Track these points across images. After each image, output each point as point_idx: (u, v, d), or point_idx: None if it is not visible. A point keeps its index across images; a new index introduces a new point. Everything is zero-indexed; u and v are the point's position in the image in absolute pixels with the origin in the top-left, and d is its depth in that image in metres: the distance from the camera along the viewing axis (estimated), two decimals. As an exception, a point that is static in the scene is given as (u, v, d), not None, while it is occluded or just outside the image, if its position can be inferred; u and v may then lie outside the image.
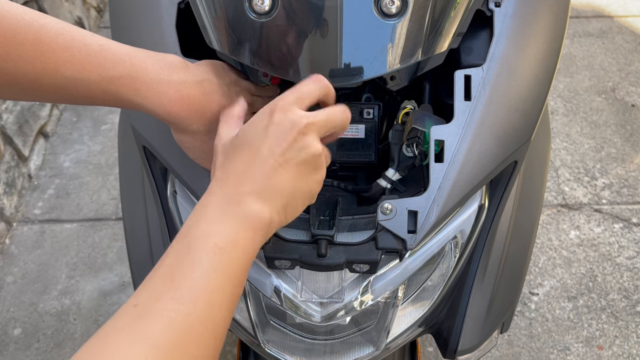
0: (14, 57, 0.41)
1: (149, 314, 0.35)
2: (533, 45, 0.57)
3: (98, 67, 0.44)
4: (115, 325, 0.35)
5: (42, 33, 0.42)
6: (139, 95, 0.46)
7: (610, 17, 2.35)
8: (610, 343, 1.34)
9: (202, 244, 0.39)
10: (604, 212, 1.62)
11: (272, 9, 0.49)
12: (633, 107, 1.94)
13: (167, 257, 0.39)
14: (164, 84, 0.47)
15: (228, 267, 0.39)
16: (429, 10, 0.50)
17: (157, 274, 0.38)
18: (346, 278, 0.58)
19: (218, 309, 0.38)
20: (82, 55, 0.44)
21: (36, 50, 0.42)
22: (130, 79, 0.45)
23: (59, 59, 0.43)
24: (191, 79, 0.49)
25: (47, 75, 0.43)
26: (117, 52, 0.46)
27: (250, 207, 0.42)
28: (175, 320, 0.35)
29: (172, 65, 0.48)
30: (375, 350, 0.62)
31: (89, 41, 0.44)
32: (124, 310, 0.36)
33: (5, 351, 1.35)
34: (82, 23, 2.18)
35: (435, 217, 0.51)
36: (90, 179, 1.75)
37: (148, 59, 0.47)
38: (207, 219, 0.41)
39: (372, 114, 0.66)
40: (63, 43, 0.43)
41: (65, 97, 0.45)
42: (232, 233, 0.41)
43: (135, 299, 0.36)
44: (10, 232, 1.61)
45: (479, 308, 0.66)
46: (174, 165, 0.56)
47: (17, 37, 0.41)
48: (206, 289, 0.37)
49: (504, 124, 0.54)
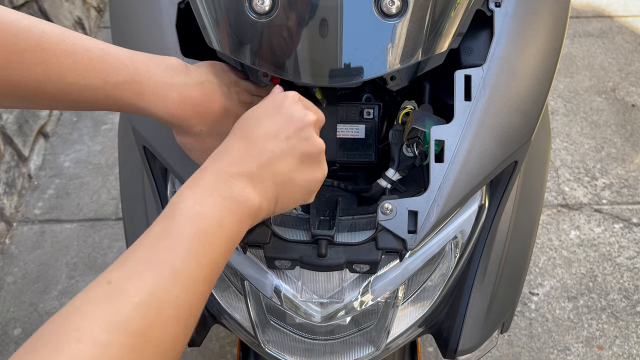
0: (16, 64, 0.41)
1: (122, 294, 0.33)
2: (533, 46, 0.57)
3: (102, 72, 0.44)
4: (86, 300, 0.33)
5: (43, 39, 0.42)
6: (143, 99, 0.46)
7: (610, 17, 2.35)
8: (610, 343, 1.34)
9: (185, 226, 0.38)
10: (604, 212, 1.62)
11: (272, 9, 0.49)
12: (633, 107, 1.94)
13: (149, 235, 0.38)
14: (167, 87, 0.47)
15: (209, 252, 0.38)
16: (429, 10, 0.50)
17: (136, 252, 0.37)
18: (346, 278, 0.58)
19: (193, 295, 0.37)
20: (85, 61, 0.43)
21: (38, 57, 0.41)
22: (134, 83, 0.45)
23: (62, 65, 0.42)
24: (192, 81, 0.49)
25: (49, 81, 0.42)
26: (120, 57, 0.45)
27: (240, 191, 0.41)
28: (148, 304, 0.34)
29: (173, 68, 0.48)
30: (376, 350, 0.62)
31: (91, 46, 0.44)
32: (97, 286, 0.34)
33: (5, 351, 1.35)
34: (82, 23, 2.18)
35: (435, 217, 0.51)
36: (90, 179, 1.75)
37: (150, 62, 0.47)
38: (195, 197, 0.40)
39: (372, 114, 0.66)
40: (65, 49, 0.42)
41: (67, 103, 0.45)
42: (218, 216, 0.40)
43: (110, 274, 0.35)
44: (10, 232, 1.61)
45: (479, 308, 0.66)
46: (174, 165, 0.56)
47: (18, 44, 0.40)
48: (183, 274, 0.36)
49: (504, 124, 0.54)
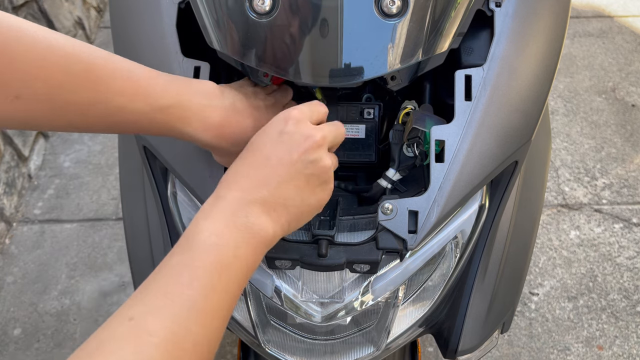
0: (68, 85, 0.41)
1: (143, 333, 0.34)
2: (533, 46, 0.57)
3: (148, 96, 0.45)
4: (109, 338, 0.34)
5: (93, 63, 0.42)
6: (186, 122, 0.47)
7: (610, 17, 2.35)
8: (610, 343, 1.34)
9: (202, 258, 0.38)
10: (604, 212, 1.62)
11: (272, 9, 0.49)
12: (633, 107, 1.94)
13: (167, 267, 0.38)
14: (207, 110, 0.48)
15: (226, 284, 0.39)
16: (429, 10, 0.50)
17: (155, 285, 0.37)
18: (347, 278, 0.58)
19: (211, 330, 0.37)
20: (132, 85, 0.44)
21: (88, 80, 0.42)
22: (178, 107, 0.46)
23: (110, 89, 0.43)
24: (228, 103, 0.50)
25: (98, 104, 0.43)
26: (163, 81, 0.46)
27: (256, 220, 0.42)
28: (168, 343, 0.34)
29: (210, 92, 0.49)
30: (376, 350, 0.62)
31: (136, 70, 0.45)
32: (119, 322, 0.35)
33: (5, 351, 1.35)
34: (82, 23, 2.17)
35: (435, 217, 0.51)
36: (90, 179, 1.75)
37: (190, 87, 0.48)
38: (211, 228, 0.40)
39: (373, 114, 0.66)
40: (112, 73, 0.43)
41: (111, 126, 0.46)
42: (234, 247, 0.40)
43: (131, 310, 0.35)
44: (10, 232, 1.61)
45: (479, 308, 0.66)
46: (174, 165, 0.56)
47: (70, 68, 0.41)
48: (202, 310, 0.37)
49: (505, 124, 0.54)
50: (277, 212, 0.44)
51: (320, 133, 0.46)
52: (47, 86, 0.40)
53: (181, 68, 0.55)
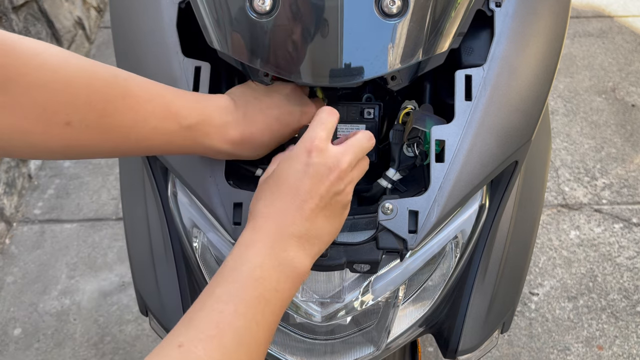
0: (111, 111, 0.43)
1: (194, 357, 0.36)
2: (534, 46, 0.57)
3: (177, 116, 0.47)
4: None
5: (129, 87, 0.44)
6: (210, 137, 0.49)
7: (610, 17, 2.35)
8: (610, 343, 1.34)
9: (247, 291, 0.41)
10: (604, 212, 1.62)
11: (273, 9, 0.49)
12: (633, 107, 1.94)
13: (214, 296, 0.40)
14: (226, 125, 0.51)
15: (268, 317, 0.41)
16: (429, 10, 0.50)
17: (204, 314, 0.39)
18: (347, 278, 0.58)
19: (253, 359, 0.40)
20: (163, 106, 0.46)
21: (127, 104, 0.44)
22: (203, 124, 0.49)
23: (145, 111, 0.45)
24: (241, 115, 0.52)
25: (137, 127, 0.45)
26: (188, 100, 0.49)
27: (294, 254, 0.44)
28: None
29: (226, 107, 0.51)
30: (376, 350, 0.62)
31: (164, 92, 0.47)
32: (169, 348, 0.36)
33: (6, 351, 1.35)
34: (82, 23, 2.18)
35: (436, 217, 0.51)
36: (90, 179, 1.75)
37: (210, 103, 0.50)
38: (255, 260, 0.42)
39: (373, 114, 0.66)
40: (144, 95, 0.45)
41: (149, 148, 0.48)
42: (276, 281, 0.42)
43: (179, 338, 0.37)
44: (10, 232, 1.61)
45: (479, 308, 0.66)
46: (175, 166, 0.56)
47: (110, 93, 0.43)
48: (247, 342, 0.39)
49: (505, 124, 0.54)
50: (310, 243, 0.46)
51: (346, 159, 0.47)
52: (94, 112, 0.42)
53: (181, 68, 0.55)
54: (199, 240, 0.61)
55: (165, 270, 0.67)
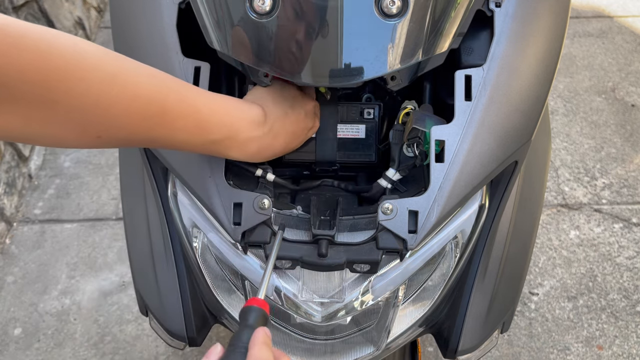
0: (145, 129, 0.44)
1: None
2: (533, 46, 0.57)
3: (205, 131, 0.48)
4: None
5: (166, 103, 0.45)
6: (231, 150, 0.51)
7: (610, 17, 2.35)
8: (610, 343, 1.34)
9: None
10: (604, 212, 1.62)
11: (273, 9, 0.49)
12: (633, 107, 1.94)
13: None
14: (249, 141, 0.52)
15: None
16: (429, 10, 0.50)
17: None
18: (347, 278, 0.58)
19: None
20: (194, 123, 0.47)
21: (161, 124, 0.45)
22: (227, 139, 0.50)
23: (176, 126, 0.46)
24: (267, 130, 0.54)
25: (163, 140, 0.46)
26: (222, 115, 0.49)
27: None
28: None
29: (256, 121, 0.52)
30: (376, 350, 0.62)
31: (200, 106, 0.48)
32: None
33: (6, 351, 1.35)
34: (82, 23, 2.18)
35: (435, 217, 0.51)
36: (91, 179, 1.75)
37: (241, 115, 0.51)
38: None
39: (373, 114, 0.66)
40: (179, 112, 0.46)
41: (164, 147, 0.49)
42: None
43: None
44: (11, 232, 1.61)
45: (479, 308, 0.66)
46: (175, 166, 0.56)
47: (148, 112, 0.43)
48: None
49: (505, 124, 0.54)
50: None
51: None
52: (127, 131, 0.43)
53: (181, 68, 0.55)
54: (199, 240, 0.61)
55: (165, 270, 0.67)
